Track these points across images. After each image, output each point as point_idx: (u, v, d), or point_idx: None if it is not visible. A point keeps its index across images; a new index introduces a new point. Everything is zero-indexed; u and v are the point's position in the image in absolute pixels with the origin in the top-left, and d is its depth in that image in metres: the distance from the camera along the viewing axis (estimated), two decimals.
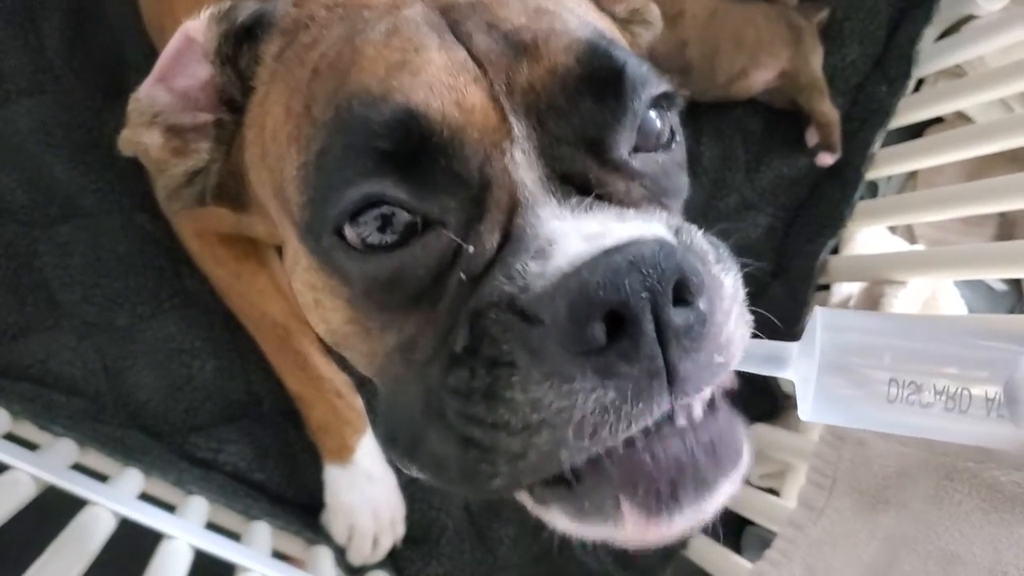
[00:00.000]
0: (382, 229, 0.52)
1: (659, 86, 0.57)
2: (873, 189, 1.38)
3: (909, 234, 1.41)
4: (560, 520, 0.51)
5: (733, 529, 1.29)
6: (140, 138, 0.66)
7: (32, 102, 1.09)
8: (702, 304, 0.45)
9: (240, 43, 0.64)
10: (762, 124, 1.33)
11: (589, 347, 0.44)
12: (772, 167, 1.32)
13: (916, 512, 0.76)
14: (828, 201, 1.28)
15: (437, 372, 0.51)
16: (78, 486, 0.89)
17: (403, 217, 0.52)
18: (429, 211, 0.52)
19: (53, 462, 0.92)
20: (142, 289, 1.10)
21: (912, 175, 1.43)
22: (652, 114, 0.58)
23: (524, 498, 0.53)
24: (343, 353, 0.63)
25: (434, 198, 0.51)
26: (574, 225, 0.49)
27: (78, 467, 0.97)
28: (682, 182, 0.62)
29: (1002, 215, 1.41)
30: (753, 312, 0.54)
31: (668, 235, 0.49)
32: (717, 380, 0.48)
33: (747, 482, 1.21)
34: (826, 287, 1.26)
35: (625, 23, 0.75)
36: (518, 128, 0.52)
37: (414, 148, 0.50)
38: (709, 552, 1.13)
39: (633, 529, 0.48)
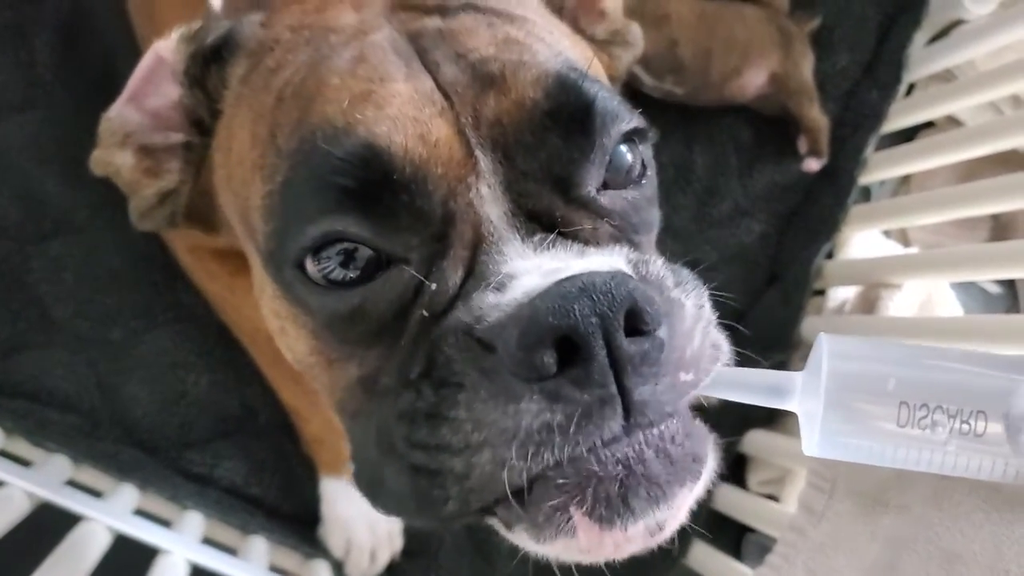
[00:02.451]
0: (344, 265, 0.52)
1: (630, 121, 0.57)
2: (867, 194, 1.38)
3: (903, 238, 1.41)
4: (526, 541, 0.50)
5: (733, 537, 1.29)
6: (112, 159, 0.66)
7: (23, 118, 1.09)
8: (660, 332, 0.45)
9: (208, 64, 0.63)
10: (754, 131, 1.33)
11: (538, 375, 0.43)
12: (765, 173, 1.32)
13: (916, 514, 0.75)
14: (822, 206, 1.28)
15: (391, 402, 0.51)
16: (73, 502, 0.88)
17: (365, 253, 0.51)
18: (392, 249, 0.51)
19: (47, 478, 0.92)
20: (136, 304, 1.10)
21: (905, 180, 1.43)
22: (623, 148, 0.57)
23: (495, 523, 0.53)
24: (311, 383, 0.63)
25: (397, 235, 0.51)
26: (536, 263, 0.49)
27: (72, 483, 0.96)
28: (652, 217, 0.61)
29: (995, 218, 1.42)
30: (737, 329, 0.53)
31: (626, 267, 0.49)
32: (685, 399, 0.47)
33: (747, 488, 1.21)
34: (821, 292, 1.26)
35: (605, 44, 0.74)
36: (484, 162, 0.52)
37: (376, 184, 0.50)
38: (710, 559, 1.12)
39: (588, 539, 0.47)
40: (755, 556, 1.22)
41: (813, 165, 1.29)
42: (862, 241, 1.27)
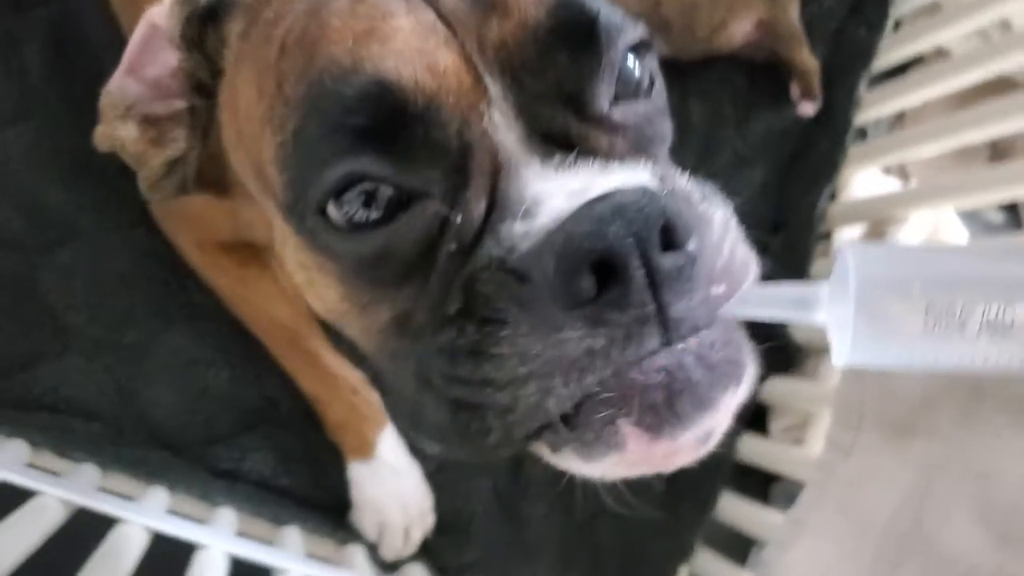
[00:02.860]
0: (367, 205, 0.52)
1: (635, 32, 0.56)
2: (863, 137, 1.38)
3: (903, 175, 1.41)
4: (574, 463, 0.51)
5: (759, 489, 1.29)
6: (116, 132, 0.65)
7: (19, 128, 1.09)
8: (691, 245, 0.45)
9: (205, 25, 0.63)
10: (747, 79, 1.32)
11: (579, 300, 0.44)
12: (761, 121, 1.32)
13: (945, 436, 0.76)
14: (820, 150, 1.28)
15: (428, 339, 0.51)
16: (107, 505, 0.88)
17: (386, 192, 0.51)
18: (413, 184, 0.51)
19: (79, 485, 0.92)
20: (148, 305, 1.09)
21: (899, 121, 1.43)
22: (630, 62, 0.57)
23: (541, 450, 0.53)
24: (343, 331, 0.63)
25: (416, 170, 0.51)
26: (558, 184, 0.49)
27: (102, 491, 0.96)
28: (665, 129, 0.61)
29: (992, 147, 1.41)
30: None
31: (652, 182, 0.49)
32: (719, 313, 0.48)
33: (769, 436, 1.21)
34: (826, 236, 1.26)
35: None
36: (494, 88, 0.51)
37: (390, 120, 0.50)
38: (739, 509, 1.13)
39: (637, 450, 0.48)
40: (783, 503, 1.23)
41: (808, 109, 1.29)
42: (863, 181, 1.27)
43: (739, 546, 1.17)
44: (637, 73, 0.57)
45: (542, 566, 1.16)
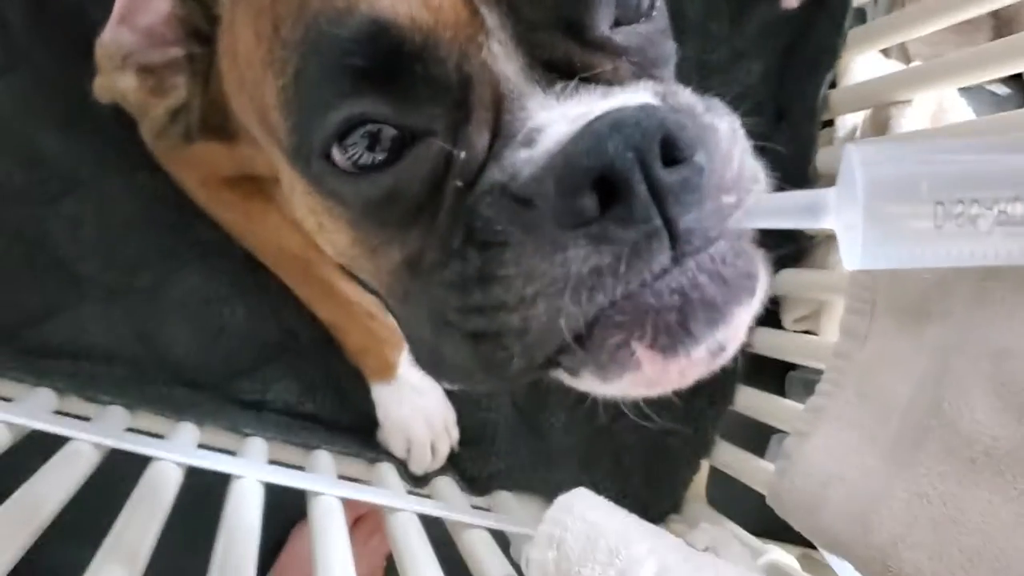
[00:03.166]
0: (371, 148, 0.51)
1: None
2: (862, 19, 1.36)
3: (904, 57, 1.39)
4: (592, 384, 0.52)
5: (775, 379, 1.31)
6: (115, 83, 0.65)
7: (7, 81, 1.07)
8: (697, 157, 0.45)
9: None
10: None
11: (581, 219, 0.44)
12: (757, 12, 1.28)
13: (960, 318, 0.76)
14: (819, 36, 1.24)
15: (438, 276, 0.52)
16: (138, 445, 0.90)
17: (390, 132, 0.51)
18: (415, 123, 0.51)
19: (108, 427, 0.93)
20: (158, 247, 1.09)
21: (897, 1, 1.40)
22: None
23: (561, 376, 0.54)
24: (356, 274, 0.63)
25: (418, 108, 0.51)
26: (561, 111, 0.48)
27: (132, 431, 0.98)
28: (668, 49, 0.60)
29: (995, 17, 1.39)
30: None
31: (652, 100, 0.49)
32: (730, 223, 0.47)
33: (783, 327, 1.22)
34: (829, 123, 1.25)
35: None
36: (491, 19, 0.50)
37: (388, 60, 0.49)
38: (757, 400, 1.15)
39: (653, 370, 0.48)
40: (799, 393, 1.25)
41: (792, 1, 1.26)
42: (864, 65, 1.24)
43: (757, 437, 1.20)
44: None
45: (567, 471, 1.19)
